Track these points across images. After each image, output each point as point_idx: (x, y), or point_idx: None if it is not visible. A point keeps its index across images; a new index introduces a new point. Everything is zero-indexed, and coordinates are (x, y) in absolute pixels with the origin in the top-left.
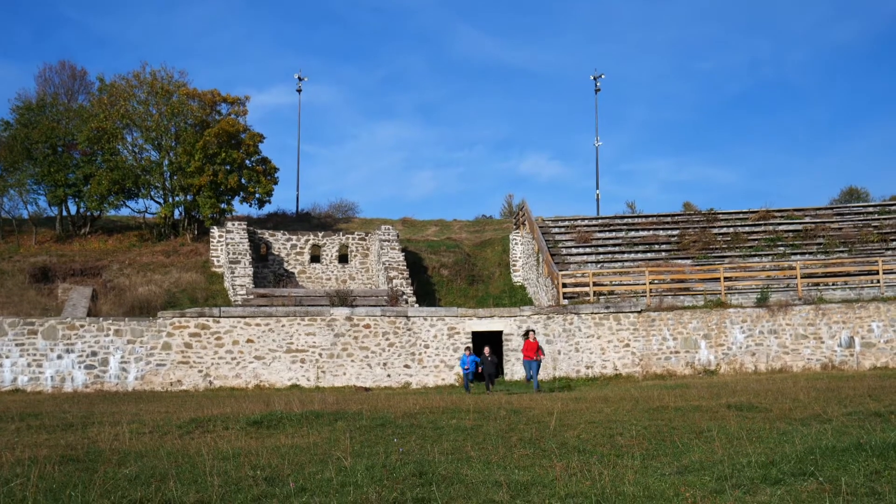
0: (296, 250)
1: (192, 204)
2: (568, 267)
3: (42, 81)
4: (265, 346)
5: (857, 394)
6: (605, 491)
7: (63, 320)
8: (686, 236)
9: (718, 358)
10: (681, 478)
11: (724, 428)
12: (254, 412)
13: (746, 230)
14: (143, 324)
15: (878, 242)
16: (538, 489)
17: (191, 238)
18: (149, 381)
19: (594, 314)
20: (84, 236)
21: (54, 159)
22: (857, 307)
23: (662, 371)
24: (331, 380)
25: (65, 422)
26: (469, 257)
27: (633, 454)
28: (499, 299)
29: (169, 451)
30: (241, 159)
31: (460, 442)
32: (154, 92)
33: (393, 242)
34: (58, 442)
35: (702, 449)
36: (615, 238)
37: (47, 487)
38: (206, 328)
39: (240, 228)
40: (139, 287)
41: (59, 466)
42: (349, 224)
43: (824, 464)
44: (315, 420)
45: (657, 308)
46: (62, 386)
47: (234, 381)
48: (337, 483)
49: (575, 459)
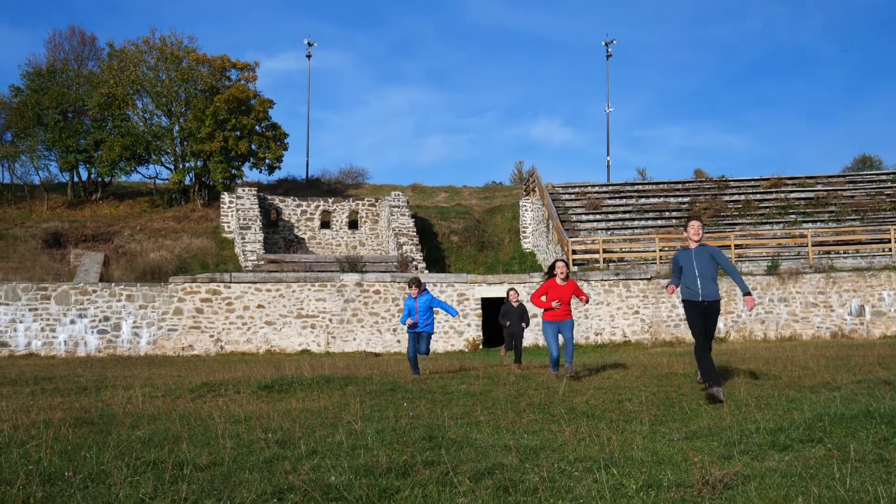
0: (306, 216)
1: (202, 170)
2: (578, 234)
3: (52, 47)
4: (276, 311)
5: (867, 362)
6: (614, 456)
7: (76, 285)
8: (697, 203)
9: (728, 326)
10: (689, 443)
11: (732, 395)
12: (265, 377)
13: (758, 198)
14: (155, 289)
15: (891, 211)
16: (547, 453)
17: (201, 204)
18: (161, 346)
19: (604, 281)
20: (95, 202)
21: (65, 125)
22: (868, 275)
23: (671, 338)
24: (341, 345)
25: (78, 385)
26: (479, 224)
27: (641, 420)
28: (508, 266)
29: (181, 414)
30: (251, 125)
31: (470, 407)
32: (164, 57)
33: (403, 208)
34: (72, 405)
35: (710, 415)
36: (625, 205)
37: (62, 449)
38: (217, 293)
39: (250, 194)
40: (150, 252)
41: (74, 429)
42: (359, 190)
43: (833, 430)
44: (325, 385)
45: (667, 275)
46: (75, 350)
47: (245, 347)
48: (347, 446)
49: (584, 425)
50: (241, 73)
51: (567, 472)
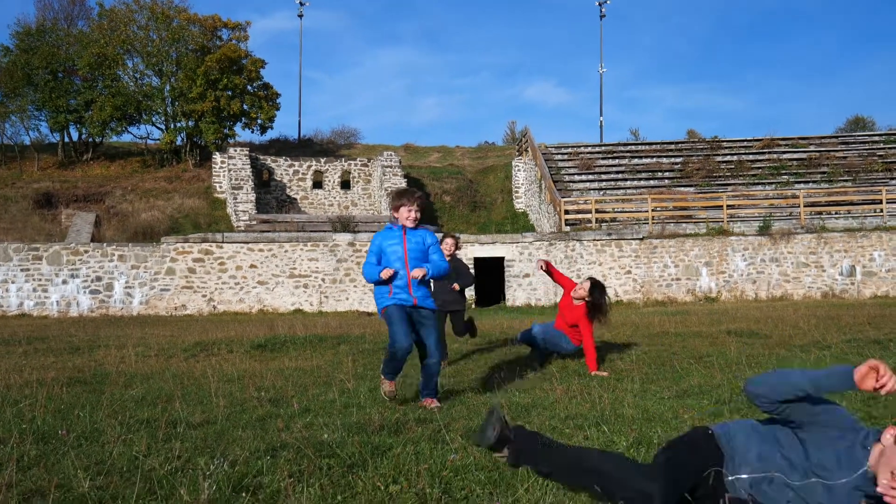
0: (298, 176)
1: (193, 130)
2: (570, 194)
3: (41, 7)
4: (268, 271)
5: (857, 322)
6: (605, 413)
7: (67, 246)
8: (689, 164)
9: (719, 285)
10: (680, 401)
11: (723, 353)
12: (258, 336)
13: (750, 158)
14: (147, 249)
15: (883, 172)
16: (539, 411)
17: (193, 164)
18: (153, 306)
19: (596, 241)
20: (86, 162)
21: (55, 85)
22: (860, 236)
23: (663, 298)
24: (334, 305)
25: (71, 345)
26: (471, 184)
27: (632, 378)
28: (501, 226)
29: (174, 373)
30: (243, 85)
31: (461, 366)
32: (154, 17)
33: (395, 169)
34: (65, 364)
35: (701, 374)
36: (618, 165)
37: (55, 408)
38: (210, 253)
39: (242, 154)
40: (142, 213)
41: (67, 388)
42: (351, 150)
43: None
44: (318, 343)
45: (659, 235)
46: (68, 310)
47: (237, 306)
48: (340, 404)
49: (575, 383)
50: (232, 33)
51: (558, 430)
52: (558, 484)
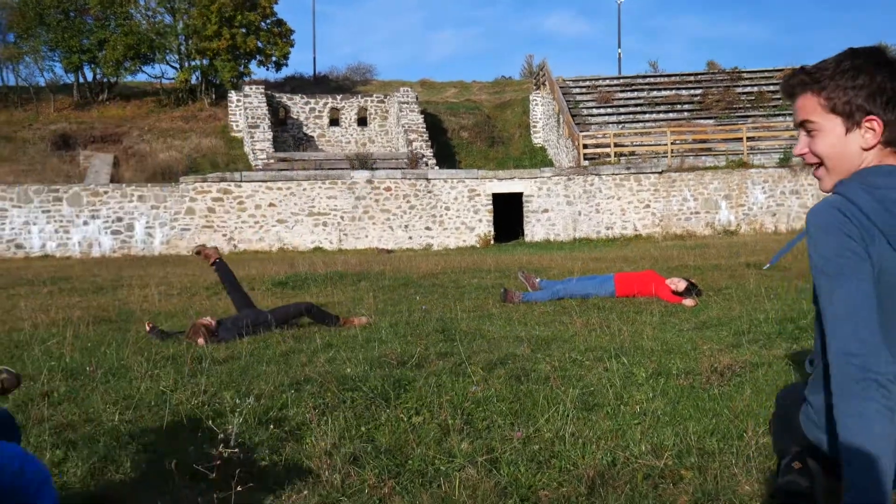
0: (314, 114)
1: (208, 68)
2: (589, 128)
3: None
4: (287, 209)
5: None
6: (625, 345)
7: (87, 187)
8: (709, 96)
9: (739, 218)
10: (699, 333)
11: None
12: (279, 273)
13: (771, 89)
14: (167, 189)
15: None
16: (558, 344)
17: (209, 103)
18: (174, 246)
19: (615, 175)
20: (102, 103)
21: (67, 24)
22: None
23: (682, 232)
24: (353, 242)
25: (95, 285)
26: (489, 119)
27: (651, 311)
28: (519, 161)
29: (198, 311)
30: (258, 22)
31: (482, 300)
32: None
33: (412, 105)
34: (90, 304)
35: (720, 306)
36: (637, 98)
37: (82, 346)
38: (229, 193)
39: (258, 93)
40: (160, 153)
41: (93, 326)
42: (367, 87)
43: None
44: (339, 280)
45: (678, 169)
46: (90, 251)
47: (257, 245)
48: (362, 339)
49: (594, 316)
50: None
51: (578, 362)
52: (577, 413)
